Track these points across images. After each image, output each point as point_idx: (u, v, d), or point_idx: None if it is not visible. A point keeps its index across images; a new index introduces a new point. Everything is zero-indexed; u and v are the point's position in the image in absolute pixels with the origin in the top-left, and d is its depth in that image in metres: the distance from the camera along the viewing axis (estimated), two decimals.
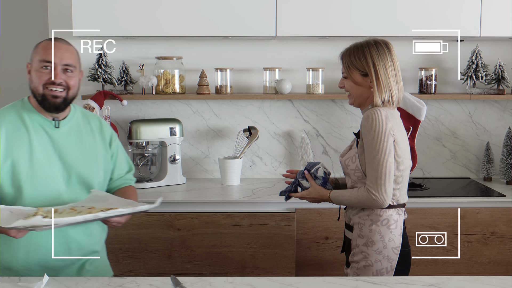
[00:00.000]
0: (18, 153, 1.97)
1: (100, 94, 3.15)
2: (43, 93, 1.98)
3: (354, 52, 2.14)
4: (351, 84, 2.16)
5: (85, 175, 2.06)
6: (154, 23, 3.06)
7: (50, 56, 1.97)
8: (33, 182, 1.97)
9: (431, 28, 3.05)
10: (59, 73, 1.98)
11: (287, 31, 3.05)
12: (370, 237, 2.09)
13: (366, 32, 3.06)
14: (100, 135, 2.16)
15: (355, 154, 2.12)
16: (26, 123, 2.01)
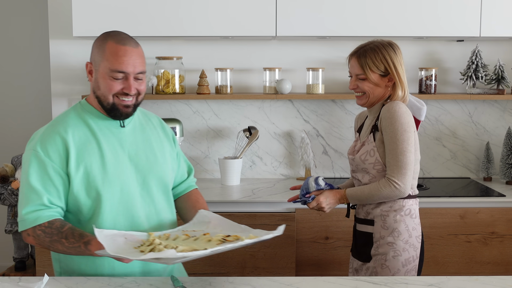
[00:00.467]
0: (89, 159, 1.82)
1: None
2: (113, 102, 1.83)
3: (373, 53, 2.17)
4: (369, 85, 2.18)
5: (158, 173, 1.94)
6: (154, 23, 3.06)
7: (123, 66, 1.79)
8: (110, 188, 1.83)
9: (430, 28, 3.06)
10: (132, 84, 1.82)
11: (287, 31, 3.05)
12: (396, 227, 2.15)
13: (365, 32, 3.06)
14: (163, 131, 2.05)
15: (373, 147, 2.16)
16: (90, 126, 1.87)
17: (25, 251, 3.23)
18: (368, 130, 2.23)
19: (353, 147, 2.31)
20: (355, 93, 2.24)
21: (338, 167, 3.47)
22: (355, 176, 2.28)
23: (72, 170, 1.80)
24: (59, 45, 3.38)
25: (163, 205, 1.96)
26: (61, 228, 1.77)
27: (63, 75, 3.40)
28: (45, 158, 1.79)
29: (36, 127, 3.82)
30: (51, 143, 1.81)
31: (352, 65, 2.22)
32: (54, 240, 1.76)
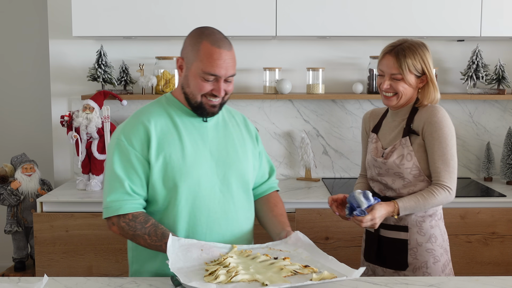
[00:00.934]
0: (169, 149, 1.84)
1: (100, 94, 3.15)
2: (200, 102, 1.85)
3: (412, 53, 2.09)
4: (404, 86, 2.10)
5: (238, 170, 1.94)
6: (154, 23, 3.06)
7: (216, 70, 1.80)
8: (188, 180, 1.84)
9: (431, 28, 3.06)
10: (221, 87, 1.83)
11: (287, 31, 3.05)
12: (432, 233, 2.11)
13: (365, 32, 3.06)
14: (246, 129, 2.04)
15: (410, 152, 2.09)
16: (173, 118, 1.89)
17: (24, 252, 3.23)
18: (400, 133, 2.14)
19: (376, 148, 2.20)
20: (385, 93, 2.13)
21: (338, 167, 3.47)
22: (381, 180, 2.16)
23: (152, 158, 1.83)
24: (58, 45, 3.38)
25: (243, 203, 1.96)
26: (145, 223, 1.81)
27: (63, 75, 3.40)
28: (128, 147, 1.83)
29: (36, 127, 3.83)
30: (134, 132, 1.85)
31: (387, 64, 2.11)
32: (137, 235, 1.81)
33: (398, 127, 2.16)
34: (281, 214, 2.05)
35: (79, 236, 2.87)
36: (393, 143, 2.15)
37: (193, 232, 1.86)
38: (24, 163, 3.19)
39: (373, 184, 2.22)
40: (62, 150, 3.44)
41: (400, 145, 2.11)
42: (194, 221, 1.86)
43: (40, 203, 2.91)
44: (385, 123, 2.23)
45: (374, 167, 2.18)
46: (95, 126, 3.08)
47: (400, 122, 2.16)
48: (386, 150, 2.14)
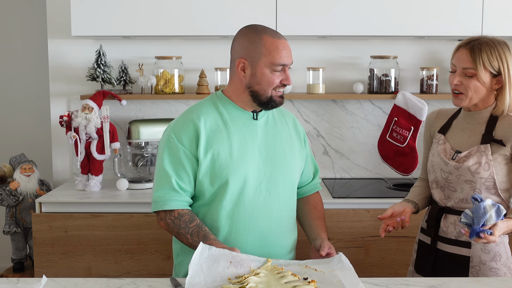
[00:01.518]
0: (218, 146, 1.90)
1: (99, 94, 3.15)
2: (271, 95, 1.91)
3: (489, 48, 1.93)
4: (476, 84, 1.94)
5: (285, 168, 1.97)
6: (153, 23, 3.06)
7: (284, 59, 1.89)
8: (234, 177, 1.89)
9: (431, 28, 3.05)
10: (289, 75, 1.92)
11: (287, 30, 3.05)
12: (497, 250, 1.97)
13: (366, 32, 3.06)
14: (295, 130, 2.09)
15: (488, 161, 1.95)
16: (223, 115, 1.94)
17: (23, 252, 3.23)
18: (478, 138, 2.00)
19: (444, 150, 2.06)
20: (455, 91, 1.99)
21: (338, 168, 3.46)
22: (448, 186, 2.03)
23: (201, 155, 1.88)
24: (57, 44, 3.38)
25: (288, 202, 2.00)
26: (189, 223, 1.87)
27: (62, 75, 3.40)
28: (178, 144, 1.90)
29: (35, 127, 3.83)
30: (184, 129, 1.91)
31: (460, 57, 1.96)
32: (180, 233, 1.87)
33: (473, 131, 2.02)
34: (319, 217, 2.10)
35: (78, 237, 2.87)
36: (467, 147, 2.01)
37: (235, 228, 1.90)
38: (23, 163, 3.19)
39: (434, 190, 2.09)
40: (61, 150, 3.44)
41: (478, 152, 1.97)
42: (237, 217, 1.91)
43: (39, 203, 2.91)
44: (456, 124, 2.09)
45: (441, 171, 2.04)
46: (94, 126, 3.08)
47: (476, 126, 2.03)
48: (461, 155, 1.99)
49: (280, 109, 2.09)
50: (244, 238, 1.91)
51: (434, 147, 2.11)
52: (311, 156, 2.18)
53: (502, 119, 1.98)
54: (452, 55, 2.01)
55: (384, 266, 2.90)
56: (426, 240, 2.09)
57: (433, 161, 2.07)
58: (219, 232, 1.91)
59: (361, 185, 3.27)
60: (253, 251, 1.91)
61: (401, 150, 3.24)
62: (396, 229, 1.97)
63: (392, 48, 3.37)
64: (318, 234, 2.02)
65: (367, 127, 3.44)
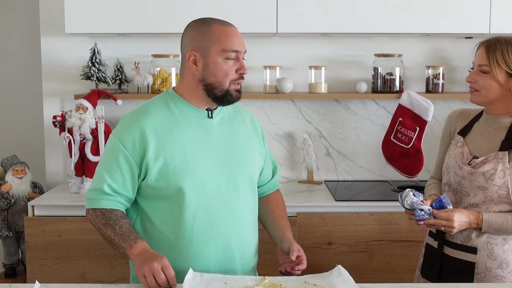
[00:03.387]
0: (170, 149, 1.84)
1: (94, 94, 3.15)
2: (227, 89, 1.86)
3: (506, 46, 1.95)
4: (489, 82, 1.97)
5: (245, 168, 1.94)
6: (150, 20, 3.06)
7: (237, 45, 1.83)
8: (191, 181, 1.84)
9: (437, 25, 3.06)
10: (244, 63, 1.86)
11: (289, 28, 3.06)
12: (504, 258, 1.96)
13: (369, 29, 3.06)
14: (252, 127, 2.04)
15: (504, 169, 1.94)
16: (175, 115, 1.89)
17: (15, 257, 3.23)
18: (497, 144, 2.00)
19: (461, 154, 2.06)
20: (470, 88, 2.04)
21: (341, 170, 3.47)
22: (460, 190, 2.04)
23: (151, 160, 1.83)
24: (50, 42, 3.38)
25: (250, 203, 1.97)
26: (122, 218, 1.85)
27: (55, 73, 3.40)
28: (120, 146, 1.86)
29: (27, 128, 3.83)
30: (128, 132, 1.86)
31: (478, 55, 2.01)
32: (108, 224, 1.84)
33: (494, 137, 2.02)
34: (282, 216, 2.07)
35: (72, 241, 2.87)
36: (485, 153, 2.01)
37: (196, 234, 1.86)
38: (14, 165, 3.19)
39: (445, 193, 2.09)
40: (55, 152, 3.45)
41: (495, 158, 1.96)
42: (198, 222, 1.86)
43: (32, 206, 2.91)
44: (477, 128, 2.09)
45: (455, 175, 2.05)
46: (88, 127, 3.08)
47: (497, 130, 2.03)
48: (477, 160, 1.99)
49: (236, 105, 2.04)
50: (206, 243, 1.87)
51: (451, 148, 2.11)
52: (269, 153, 2.15)
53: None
54: (474, 54, 2.06)
55: (389, 272, 2.90)
56: (434, 244, 2.09)
57: (448, 163, 2.08)
58: (179, 239, 1.87)
59: (365, 187, 3.27)
60: (216, 257, 1.88)
61: (406, 152, 3.24)
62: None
63: (397, 46, 3.38)
64: (284, 235, 1.98)
65: (371, 127, 3.44)
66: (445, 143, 2.20)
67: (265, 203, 2.11)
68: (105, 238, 1.87)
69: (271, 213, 2.08)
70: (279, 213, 2.08)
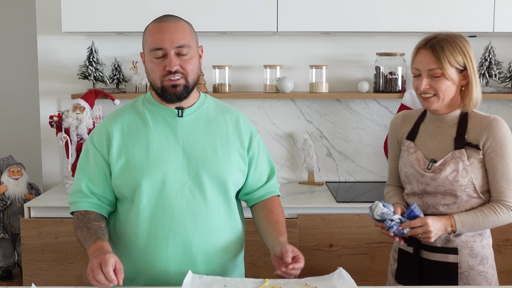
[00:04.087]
0: (133, 148, 1.87)
1: (91, 93, 3.15)
2: (162, 86, 1.86)
3: (449, 44, 1.95)
4: (447, 84, 1.94)
5: (214, 169, 1.90)
6: (148, 18, 3.04)
7: (159, 42, 1.82)
8: (150, 179, 1.85)
9: (441, 23, 3.06)
10: (172, 59, 1.82)
11: (289, 26, 3.05)
12: (483, 253, 2.00)
13: (372, 28, 3.06)
14: (235, 129, 1.99)
15: (465, 167, 1.94)
16: (144, 116, 1.92)
17: (11, 260, 3.22)
18: (450, 143, 1.99)
19: (417, 160, 2.04)
20: (424, 95, 1.97)
21: (343, 171, 3.47)
22: (427, 197, 2.02)
23: (113, 159, 1.88)
24: (47, 41, 3.38)
25: (218, 206, 1.91)
26: (93, 220, 1.87)
27: (52, 73, 3.40)
28: (92, 147, 1.92)
29: (23, 128, 3.83)
30: (99, 133, 1.93)
31: (422, 60, 1.96)
32: (80, 227, 1.87)
33: (444, 136, 2.02)
34: (277, 221, 1.98)
35: (69, 243, 2.87)
36: (441, 154, 2.01)
37: (154, 233, 1.86)
38: (10, 166, 3.19)
39: (411, 199, 2.07)
40: (51, 152, 3.45)
41: (454, 158, 1.96)
42: (156, 222, 1.86)
43: (28, 208, 2.91)
44: (424, 129, 2.08)
45: (418, 183, 2.03)
46: (86, 127, 3.08)
47: (446, 129, 2.02)
48: (436, 164, 1.98)
49: (223, 106, 2.03)
50: (164, 244, 1.86)
51: (404, 155, 2.08)
52: (267, 156, 2.09)
53: (472, 119, 1.98)
54: (412, 59, 2.01)
55: None
56: (408, 249, 2.06)
57: (407, 172, 2.05)
58: (138, 239, 1.87)
59: (367, 189, 3.27)
60: (175, 259, 1.86)
61: None
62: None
63: (399, 44, 3.37)
64: (276, 239, 1.88)
65: (373, 127, 3.44)
66: (395, 150, 2.18)
67: (259, 210, 2.04)
68: (78, 241, 1.90)
69: (265, 220, 2.00)
70: (273, 219, 1.98)
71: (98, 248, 1.75)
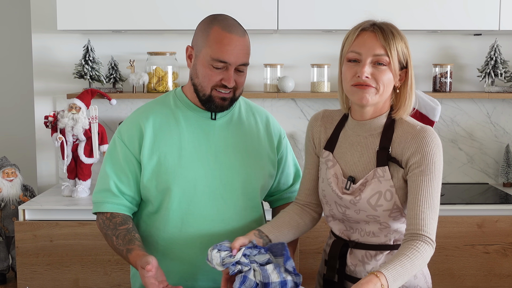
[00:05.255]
0: (165, 149, 1.85)
1: (87, 93, 3.16)
2: (210, 94, 1.83)
3: (398, 33, 1.68)
4: (389, 77, 1.64)
5: (247, 175, 1.90)
6: (146, 16, 3.06)
7: (225, 56, 1.78)
8: (181, 183, 1.84)
9: (445, 21, 3.06)
10: (232, 75, 1.80)
11: (290, 24, 3.06)
12: (416, 284, 1.72)
13: None
14: (266, 131, 1.99)
15: (390, 188, 1.65)
16: (177, 115, 1.89)
17: (5, 263, 3.23)
18: (373, 158, 1.69)
19: (335, 176, 1.72)
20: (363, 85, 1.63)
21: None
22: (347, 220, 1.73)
23: (145, 158, 1.85)
24: (42, 39, 3.38)
25: (245, 212, 1.92)
26: (119, 225, 1.85)
27: (47, 72, 3.41)
28: (122, 144, 1.88)
29: (18, 128, 3.83)
30: (128, 129, 1.89)
31: (367, 42, 1.64)
32: (108, 234, 1.85)
33: (366, 148, 1.72)
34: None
35: (65, 246, 2.87)
36: (361, 171, 1.70)
37: (184, 239, 1.86)
38: (4, 168, 3.19)
39: (332, 223, 1.80)
40: (46, 153, 3.45)
41: (375, 177, 1.66)
42: (186, 227, 1.87)
43: (22, 210, 2.91)
44: (344, 138, 1.77)
45: (337, 205, 1.72)
46: (81, 128, 3.08)
47: (368, 139, 1.72)
48: (355, 185, 1.68)
49: (252, 107, 2.02)
50: (193, 250, 1.86)
51: (322, 168, 1.78)
52: (293, 159, 2.08)
53: (398, 128, 1.70)
54: (352, 41, 1.66)
55: None
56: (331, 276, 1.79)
57: (324, 191, 1.76)
58: (166, 242, 1.88)
59: None
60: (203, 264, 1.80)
61: None
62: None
63: None
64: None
65: None
66: (311, 158, 1.85)
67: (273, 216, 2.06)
68: (109, 245, 1.89)
69: None
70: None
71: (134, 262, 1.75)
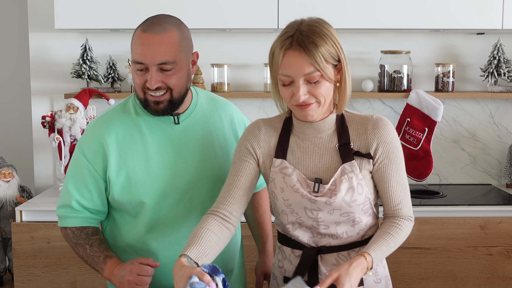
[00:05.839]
0: (133, 163, 1.81)
1: (85, 93, 3.16)
2: (145, 98, 1.79)
3: (319, 36, 1.66)
4: (326, 86, 1.63)
5: (215, 175, 1.88)
6: (143, 15, 3.04)
7: (140, 57, 1.73)
8: (154, 195, 1.82)
9: (447, 20, 3.06)
10: (153, 76, 1.72)
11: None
12: (385, 274, 1.83)
13: (374, 25, 3.07)
14: (231, 128, 1.96)
15: (360, 181, 1.69)
16: (139, 124, 1.84)
17: (2, 265, 3.23)
18: (335, 155, 1.71)
19: (300, 183, 1.70)
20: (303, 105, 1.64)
21: None
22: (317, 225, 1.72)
23: (112, 175, 1.82)
24: (39, 38, 3.38)
25: None
26: (92, 235, 1.86)
27: (44, 71, 3.41)
28: (84, 159, 1.84)
29: (15, 128, 3.83)
30: (90, 145, 1.84)
31: (294, 64, 1.61)
32: (79, 243, 1.85)
33: (325, 148, 1.73)
34: (263, 221, 2.09)
35: (62, 248, 2.87)
36: (325, 170, 1.71)
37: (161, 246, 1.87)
38: (1, 168, 3.20)
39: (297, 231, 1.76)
40: (44, 154, 3.45)
41: (345, 174, 1.68)
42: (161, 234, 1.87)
43: (19, 212, 2.91)
44: (295, 142, 1.75)
45: (306, 210, 1.71)
46: (79, 128, 3.08)
47: (325, 139, 1.73)
48: (327, 186, 1.69)
49: (216, 101, 1.98)
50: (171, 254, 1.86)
51: (278, 179, 1.73)
52: None
53: (351, 122, 1.74)
54: (278, 64, 1.65)
55: (396, 280, 2.90)
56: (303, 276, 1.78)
57: (289, 200, 1.71)
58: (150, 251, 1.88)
59: None
60: None
61: (415, 154, 3.25)
62: None
63: (405, 42, 3.38)
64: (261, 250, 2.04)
65: None
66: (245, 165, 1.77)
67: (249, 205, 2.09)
68: (79, 257, 1.89)
69: (253, 219, 2.12)
70: (260, 219, 2.10)
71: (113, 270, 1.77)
